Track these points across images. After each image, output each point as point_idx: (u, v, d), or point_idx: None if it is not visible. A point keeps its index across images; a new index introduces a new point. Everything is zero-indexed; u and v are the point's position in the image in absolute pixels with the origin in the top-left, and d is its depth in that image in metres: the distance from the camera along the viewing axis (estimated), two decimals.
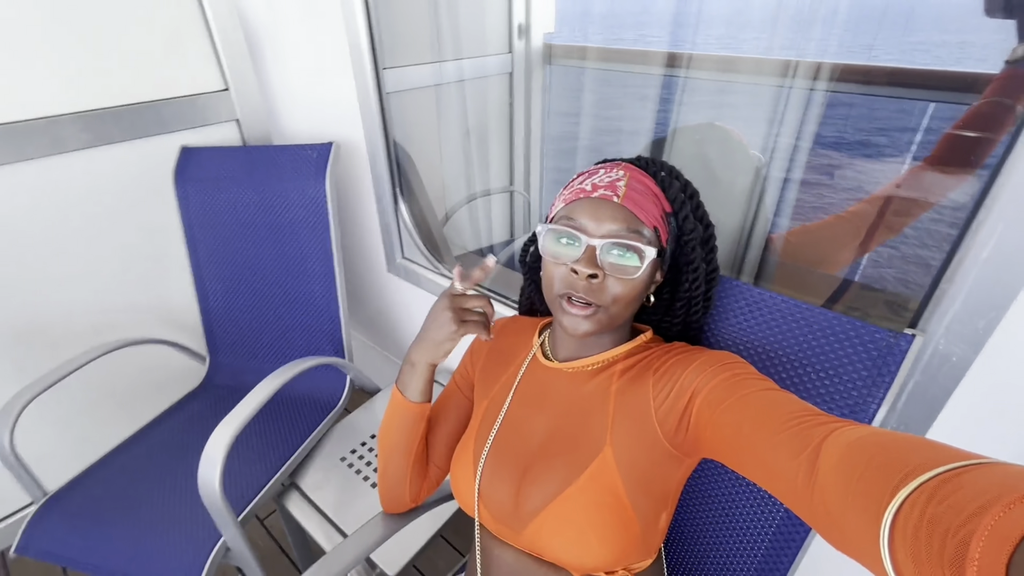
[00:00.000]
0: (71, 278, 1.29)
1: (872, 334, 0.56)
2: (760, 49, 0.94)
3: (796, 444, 0.39)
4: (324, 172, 1.22)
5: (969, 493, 0.27)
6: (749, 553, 0.67)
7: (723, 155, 0.95)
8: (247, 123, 1.44)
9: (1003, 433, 0.62)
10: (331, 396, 1.28)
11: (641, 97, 1.19)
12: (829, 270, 0.93)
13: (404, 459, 0.68)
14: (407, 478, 0.70)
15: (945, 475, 0.29)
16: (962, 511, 0.26)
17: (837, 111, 0.94)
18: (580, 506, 0.54)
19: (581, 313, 0.54)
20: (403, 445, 0.67)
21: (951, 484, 0.28)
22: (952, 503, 0.27)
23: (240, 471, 1.08)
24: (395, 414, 0.67)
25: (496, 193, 1.66)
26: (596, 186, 0.55)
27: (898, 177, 0.86)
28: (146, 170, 1.32)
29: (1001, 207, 0.52)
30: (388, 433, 0.68)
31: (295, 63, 1.36)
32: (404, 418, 0.66)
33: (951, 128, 0.75)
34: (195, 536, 0.95)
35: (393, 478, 0.71)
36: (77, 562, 0.94)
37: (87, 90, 1.19)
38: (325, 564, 0.71)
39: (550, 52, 1.58)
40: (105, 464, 1.12)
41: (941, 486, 0.28)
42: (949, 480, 0.28)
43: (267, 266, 1.33)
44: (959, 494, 0.27)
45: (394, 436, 0.67)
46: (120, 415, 1.44)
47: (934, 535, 0.27)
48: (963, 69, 0.86)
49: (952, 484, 0.28)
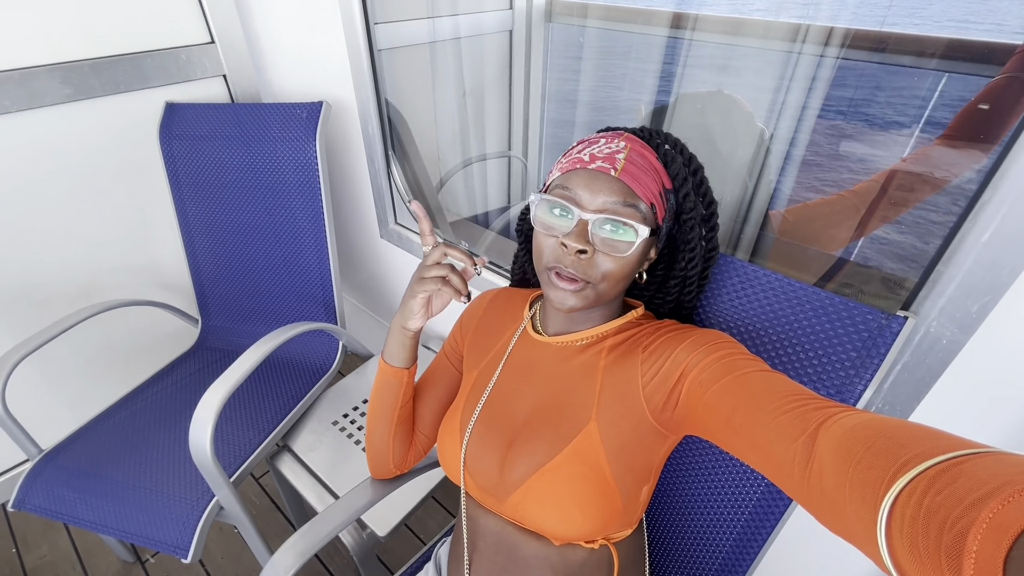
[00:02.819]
0: (56, 238, 1.26)
1: (864, 315, 0.56)
2: (770, 12, 0.89)
3: (793, 429, 0.39)
4: (314, 132, 1.18)
5: (968, 483, 0.26)
6: (729, 524, 0.68)
7: (727, 125, 0.91)
8: (235, 79, 1.39)
9: (987, 416, 0.63)
10: (324, 360, 1.29)
11: (644, 59, 1.14)
12: (829, 248, 0.91)
13: (386, 423, 0.69)
14: (389, 444, 0.71)
15: (944, 464, 0.28)
16: (961, 501, 0.26)
17: (847, 80, 0.91)
18: (563, 478, 0.55)
19: (569, 288, 0.53)
20: (385, 409, 0.68)
21: (950, 473, 0.27)
22: (950, 493, 0.26)
23: (233, 433, 1.09)
24: (379, 379, 0.68)
25: (493, 158, 1.62)
26: (594, 157, 0.53)
27: (910, 155, 0.83)
28: (130, 127, 1.28)
29: (1006, 189, 0.51)
30: (373, 400, 0.69)
31: (283, 16, 1.29)
32: (385, 382, 0.67)
33: (968, 104, 0.72)
34: (189, 495, 0.97)
35: (377, 444, 0.72)
36: (73, 517, 0.97)
37: (64, 40, 1.14)
38: (315, 525, 0.73)
39: (551, 9, 1.51)
40: (99, 423, 1.13)
41: (940, 475, 0.28)
42: (948, 469, 0.28)
43: (258, 228, 1.31)
44: (958, 484, 0.26)
45: (376, 400, 0.68)
46: (114, 376, 1.45)
47: (931, 525, 0.26)
48: (979, 38, 0.82)
49: (951, 473, 0.27)
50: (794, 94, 0.86)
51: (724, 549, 0.69)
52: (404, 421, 0.70)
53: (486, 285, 1.18)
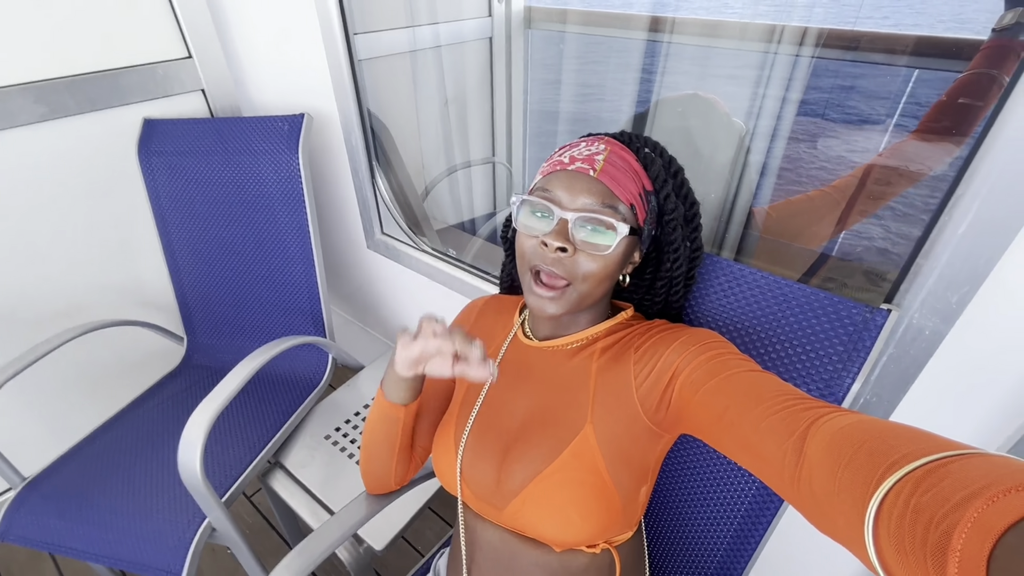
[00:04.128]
0: (34, 259, 1.23)
1: (849, 309, 0.57)
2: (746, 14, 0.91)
3: (783, 430, 0.39)
4: (297, 145, 1.18)
5: (954, 483, 0.27)
6: (726, 522, 0.69)
7: (706, 126, 0.93)
8: (213, 93, 1.37)
9: (970, 402, 0.64)
10: (314, 374, 1.27)
11: (624, 64, 1.16)
12: (811, 244, 0.92)
13: (387, 454, 0.67)
14: (392, 469, 0.69)
15: (931, 464, 0.29)
16: (946, 501, 0.26)
17: (822, 79, 0.93)
18: (561, 483, 0.55)
19: (547, 294, 0.53)
20: (386, 442, 0.65)
21: (937, 474, 0.28)
22: (937, 493, 0.27)
23: (223, 452, 1.07)
24: (378, 411, 0.64)
25: (477, 165, 1.62)
26: (574, 159, 0.54)
27: (886, 148, 0.85)
28: (108, 145, 1.26)
29: (980, 181, 0.52)
30: (372, 429, 0.66)
31: (261, 29, 1.29)
32: (384, 415, 0.63)
33: (939, 100, 0.74)
34: (179, 518, 0.95)
35: (377, 470, 0.70)
36: (59, 546, 0.94)
37: (37, 59, 1.11)
38: (312, 542, 0.72)
39: (530, 15, 1.52)
40: (84, 447, 1.10)
41: (927, 476, 0.28)
42: (935, 470, 0.28)
43: (242, 244, 1.29)
44: (944, 484, 0.27)
45: (377, 430, 0.65)
46: (98, 398, 1.41)
47: (917, 524, 0.27)
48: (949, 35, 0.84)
49: (938, 474, 0.28)
50: (772, 91, 0.88)
51: (722, 547, 0.70)
52: (405, 447, 0.67)
53: (475, 293, 1.18)
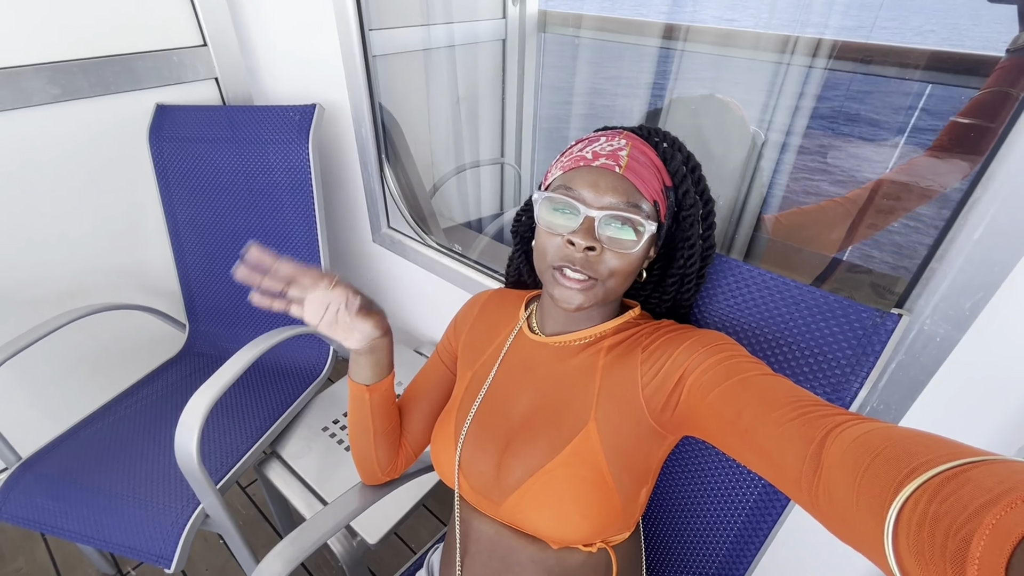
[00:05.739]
0: (40, 239, 1.24)
1: (859, 313, 0.56)
2: (759, 24, 0.91)
3: (800, 437, 0.39)
4: (307, 135, 1.18)
5: (973, 490, 0.26)
6: (726, 526, 0.68)
7: (721, 128, 0.92)
8: (227, 82, 1.38)
9: (981, 413, 0.63)
10: (314, 366, 1.27)
11: (636, 70, 1.16)
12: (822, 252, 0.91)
13: (363, 437, 0.68)
14: (373, 455, 0.69)
15: (950, 472, 0.28)
16: (965, 509, 0.26)
17: (836, 91, 0.92)
18: (562, 480, 0.54)
19: (576, 286, 0.52)
20: (359, 424, 0.67)
21: (955, 481, 0.27)
22: (955, 500, 0.26)
23: (220, 439, 1.07)
24: (349, 393, 0.67)
25: (486, 164, 1.62)
26: (597, 154, 0.53)
27: (900, 165, 0.84)
28: (120, 128, 1.26)
29: (996, 187, 0.51)
30: (349, 411, 0.68)
31: (276, 20, 1.29)
32: (352, 396, 0.66)
33: (955, 117, 0.74)
34: (173, 503, 0.94)
35: (360, 454, 0.71)
36: (51, 527, 0.93)
37: (52, 40, 1.12)
38: (304, 531, 0.71)
39: (544, 19, 1.52)
40: (81, 430, 1.10)
41: (945, 483, 0.28)
42: (954, 477, 0.28)
43: (248, 232, 1.29)
44: (963, 491, 0.27)
45: (352, 414, 0.68)
46: (97, 382, 1.41)
47: (937, 532, 0.26)
48: (965, 51, 0.84)
49: (956, 481, 0.27)
50: (785, 101, 0.87)
51: (721, 552, 0.69)
52: (383, 433, 0.68)
53: (480, 289, 1.18)
